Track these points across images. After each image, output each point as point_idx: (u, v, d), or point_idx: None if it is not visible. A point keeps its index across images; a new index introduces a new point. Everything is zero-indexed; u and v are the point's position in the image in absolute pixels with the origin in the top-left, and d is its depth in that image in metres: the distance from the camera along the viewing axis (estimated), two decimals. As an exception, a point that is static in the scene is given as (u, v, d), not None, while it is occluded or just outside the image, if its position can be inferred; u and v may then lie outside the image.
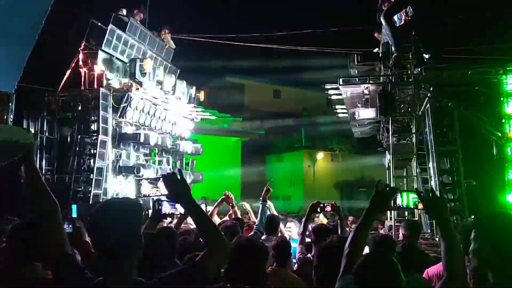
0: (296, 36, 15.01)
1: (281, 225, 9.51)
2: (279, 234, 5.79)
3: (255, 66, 24.94)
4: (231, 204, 6.79)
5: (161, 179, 2.42)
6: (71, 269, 2.16)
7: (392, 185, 10.39)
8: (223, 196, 6.65)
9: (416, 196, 2.87)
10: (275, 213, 6.65)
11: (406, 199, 2.90)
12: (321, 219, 8.51)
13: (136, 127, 12.59)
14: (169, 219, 5.51)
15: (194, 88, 14.61)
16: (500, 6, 9.77)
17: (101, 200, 9.80)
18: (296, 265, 5.00)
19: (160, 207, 3.78)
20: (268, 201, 6.31)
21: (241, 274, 3.02)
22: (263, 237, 5.44)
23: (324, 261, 3.08)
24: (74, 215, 9.59)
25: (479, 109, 9.76)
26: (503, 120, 9.46)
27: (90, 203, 10.41)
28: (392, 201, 2.83)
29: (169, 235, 4.01)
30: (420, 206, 2.80)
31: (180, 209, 3.86)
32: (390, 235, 5.57)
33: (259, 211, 6.20)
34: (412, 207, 2.88)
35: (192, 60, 17.57)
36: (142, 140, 12.10)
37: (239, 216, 6.94)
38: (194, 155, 15.64)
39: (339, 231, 5.28)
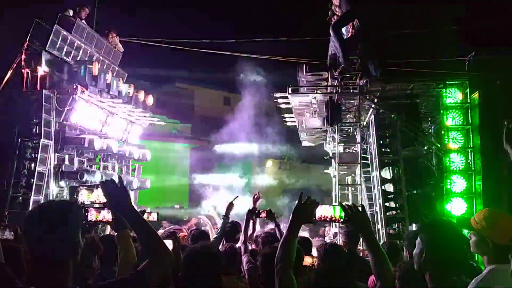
0: (248, 44, 15.08)
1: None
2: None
3: (205, 73, 24.81)
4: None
5: (100, 186, 2.33)
6: None
7: (337, 193, 10.67)
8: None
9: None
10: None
11: (339, 211, 3.01)
12: None
13: (80, 131, 12.22)
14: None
15: (142, 92, 14.36)
16: (441, 24, 10.24)
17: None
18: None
19: None
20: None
21: (195, 281, 3.00)
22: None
23: (268, 269, 3.10)
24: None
25: (420, 121, 10.16)
26: (443, 132, 9.90)
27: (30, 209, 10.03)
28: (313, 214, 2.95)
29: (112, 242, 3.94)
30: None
31: None
32: (338, 244, 5.67)
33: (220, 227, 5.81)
34: (343, 219, 2.99)
35: (141, 64, 17.29)
36: (86, 144, 11.71)
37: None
38: (141, 161, 15.34)
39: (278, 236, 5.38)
